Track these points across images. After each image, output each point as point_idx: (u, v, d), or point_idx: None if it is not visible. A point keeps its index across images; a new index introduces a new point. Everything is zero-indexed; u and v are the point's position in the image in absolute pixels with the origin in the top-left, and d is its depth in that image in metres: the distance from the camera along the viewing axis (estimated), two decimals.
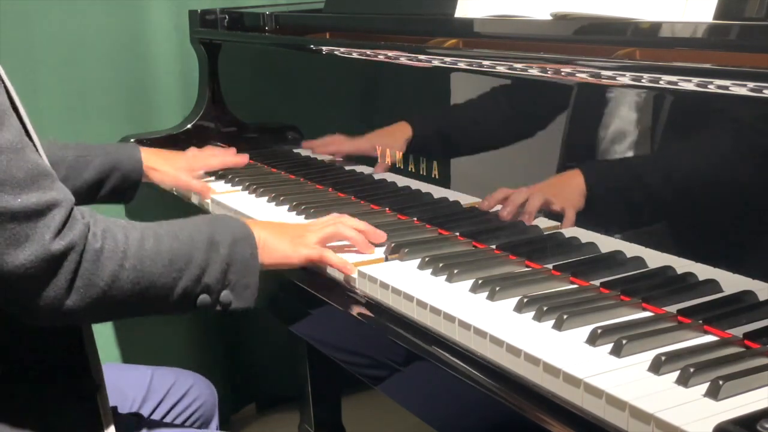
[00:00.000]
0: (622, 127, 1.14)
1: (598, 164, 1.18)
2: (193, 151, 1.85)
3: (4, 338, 1.11)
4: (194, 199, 1.77)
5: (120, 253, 1.05)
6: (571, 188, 1.20)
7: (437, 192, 1.45)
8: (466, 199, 1.40)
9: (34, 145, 1.05)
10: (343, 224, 1.32)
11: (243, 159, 1.84)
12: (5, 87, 1.02)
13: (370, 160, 1.61)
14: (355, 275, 1.26)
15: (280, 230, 1.29)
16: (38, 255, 0.98)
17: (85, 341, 1.15)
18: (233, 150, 1.92)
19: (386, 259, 1.30)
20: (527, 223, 1.26)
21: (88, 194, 1.60)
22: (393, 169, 1.54)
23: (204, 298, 1.13)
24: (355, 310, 1.23)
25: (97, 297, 1.03)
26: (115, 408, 1.33)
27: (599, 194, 1.19)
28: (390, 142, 1.54)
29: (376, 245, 1.34)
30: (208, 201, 1.72)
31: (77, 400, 1.14)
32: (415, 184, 1.50)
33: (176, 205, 1.85)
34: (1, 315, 1.08)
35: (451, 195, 1.42)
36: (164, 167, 1.69)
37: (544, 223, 1.25)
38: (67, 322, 1.08)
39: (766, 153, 0.97)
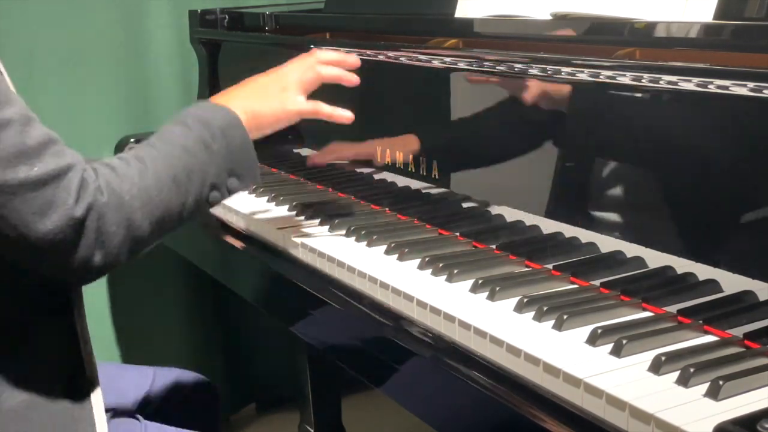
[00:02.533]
0: (622, 127, 1.14)
1: (598, 164, 1.18)
2: None
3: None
4: None
5: (126, 196, 1.05)
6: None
7: (437, 192, 1.45)
8: (466, 199, 1.40)
9: None
10: (320, 63, 1.31)
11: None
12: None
13: (371, 161, 1.60)
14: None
15: (260, 93, 1.27)
16: (64, 220, 0.99)
17: (80, 341, 1.15)
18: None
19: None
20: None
21: None
22: (393, 169, 1.54)
23: (215, 195, 1.16)
24: (355, 310, 1.23)
25: (120, 244, 1.05)
26: (115, 408, 1.33)
27: (599, 194, 1.19)
28: (389, 142, 1.54)
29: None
30: None
31: (72, 400, 1.14)
32: (415, 184, 1.50)
33: None
34: None
35: (451, 195, 1.42)
36: None
37: (544, 222, 1.25)
38: (100, 276, 1.09)
39: (766, 153, 0.97)
